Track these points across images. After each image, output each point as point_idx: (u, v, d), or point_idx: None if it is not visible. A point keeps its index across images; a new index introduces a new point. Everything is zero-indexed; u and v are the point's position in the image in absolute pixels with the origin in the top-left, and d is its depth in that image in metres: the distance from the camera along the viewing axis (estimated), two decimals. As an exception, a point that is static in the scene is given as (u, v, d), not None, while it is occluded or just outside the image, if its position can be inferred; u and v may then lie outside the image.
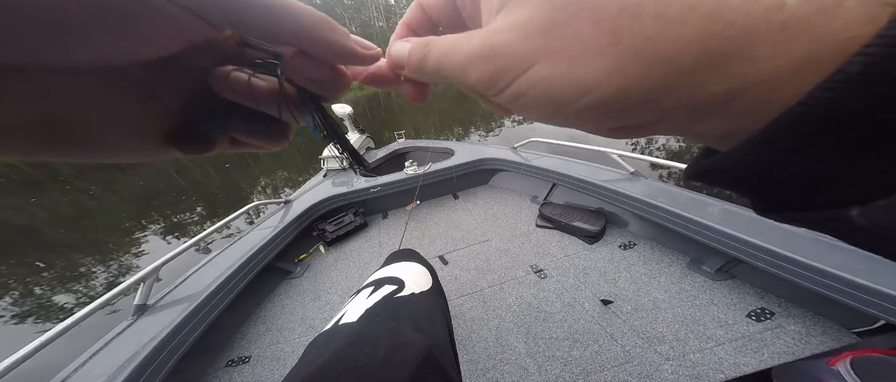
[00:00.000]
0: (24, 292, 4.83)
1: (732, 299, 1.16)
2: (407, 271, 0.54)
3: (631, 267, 1.42)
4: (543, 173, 2.03)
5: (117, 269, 4.83)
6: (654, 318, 1.15)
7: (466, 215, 2.15)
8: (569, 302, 1.30)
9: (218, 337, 1.41)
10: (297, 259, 1.94)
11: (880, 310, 0.83)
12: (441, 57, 0.13)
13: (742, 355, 0.97)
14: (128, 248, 5.56)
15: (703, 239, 1.21)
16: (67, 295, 4.44)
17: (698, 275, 1.30)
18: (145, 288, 1.26)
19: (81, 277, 4.87)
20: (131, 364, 1.00)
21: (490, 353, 1.14)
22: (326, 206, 2.18)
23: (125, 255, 5.28)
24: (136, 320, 1.20)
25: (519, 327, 1.23)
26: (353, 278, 1.71)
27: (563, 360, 1.07)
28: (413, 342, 0.36)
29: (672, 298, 1.22)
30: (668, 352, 1.03)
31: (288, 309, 1.57)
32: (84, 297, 4.28)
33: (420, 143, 3.06)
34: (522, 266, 1.56)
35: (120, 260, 5.13)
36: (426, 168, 2.29)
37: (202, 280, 1.41)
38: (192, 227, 5.71)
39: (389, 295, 0.46)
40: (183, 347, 1.14)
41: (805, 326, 1.01)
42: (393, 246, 1.93)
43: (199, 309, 1.25)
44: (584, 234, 1.66)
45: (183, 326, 1.17)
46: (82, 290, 4.47)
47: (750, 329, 1.05)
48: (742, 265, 1.20)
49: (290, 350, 1.33)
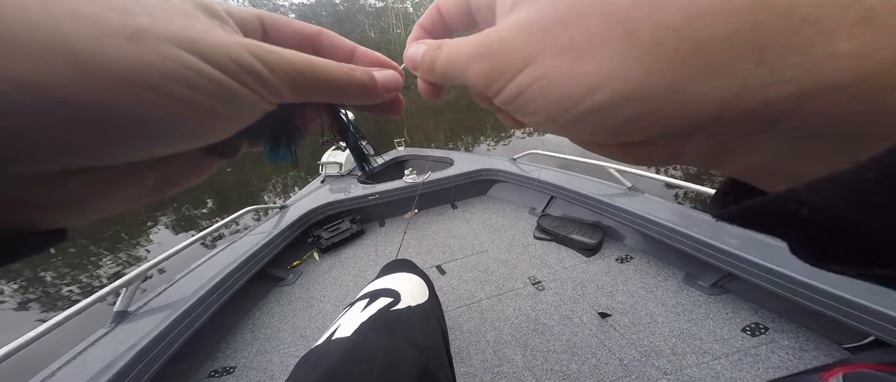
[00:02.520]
0: (32, 277, 4.69)
1: (727, 314, 1.18)
2: (403, 283, 0.53)
3: (628, 280, 1.43)
4: (542, 185, 2.06)
5: (125, 259, 4.77)
6: (652, 332, 1.16)
7: (465, 225, 2.15)
8: (567, 315, 1.29)
9: (201, 346, 1.35)
10: (290, 265, 1.90)
11: (870, 326, 0.86)
12: (447, 59, 0.13)
13: (738, 370, 0.98)
14: (138, 239, 5.54)
15: (698, 253, 1.24)
16: (74, 284, 4.38)
17: (694, 290, 1.32)
18: (127, 294, 1.21)
19: (90, 265, 4.81)
20: (105, 375, 0.95)
21: (488, 366, 1.13)
22: (323, 213, 2.16)
23: (134, 247, 5.24)
24: (114, 327, 1.15)
25: (517, 339, 1.22)
26: (347, 286, 1.68)
27: (561, 374, 1.06)
28: (409, 358, 0.36)
29: (668, 312, 1.23)
30: (666, 366, 1.03)
31: (278, 318, 1.52)
32: (87, 286, 4.14)
33: (419, 152, 3.08)
34: (520, 277, 1.56)
35: (129, 252, 5.07)
36: (425, 177, 2.30)
37: (189, 286, 1.36)
38: (202, 221, 5.66)
39: (385, 308, 0.45)
40: (163, 356, 1.09)
41: (798, 341, 1.03)
42: (390, 254, 1.90)
43: (184, 317, 1.20)
44: (582, 247, 1.67)
45: (165, 334, 1.12)
46: (85, 280, 4.39)
47: (745, 343, 1.06)
48: (737, 280, 1.22)
49: (278, 360, 1.28)
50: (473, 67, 0.11)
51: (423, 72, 0.15)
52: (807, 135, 0.07)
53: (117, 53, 0.08)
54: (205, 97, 0.09)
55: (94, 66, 0.07)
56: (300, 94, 0.12)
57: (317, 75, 0.12)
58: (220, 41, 0.10)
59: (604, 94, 0.08)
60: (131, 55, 0.08)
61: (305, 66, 0.12)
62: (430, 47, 0.14)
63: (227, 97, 0.10)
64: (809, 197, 0.07)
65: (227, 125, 0.11)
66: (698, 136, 0.09)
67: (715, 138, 0.08)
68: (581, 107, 0.09)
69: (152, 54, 0.08)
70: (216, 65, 0.09)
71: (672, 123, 0.08)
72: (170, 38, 0.09)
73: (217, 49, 0.10)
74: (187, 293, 1.31)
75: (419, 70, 0.15)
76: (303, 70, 0.12)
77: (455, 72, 0.13)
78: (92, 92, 0.07)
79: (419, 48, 0.15)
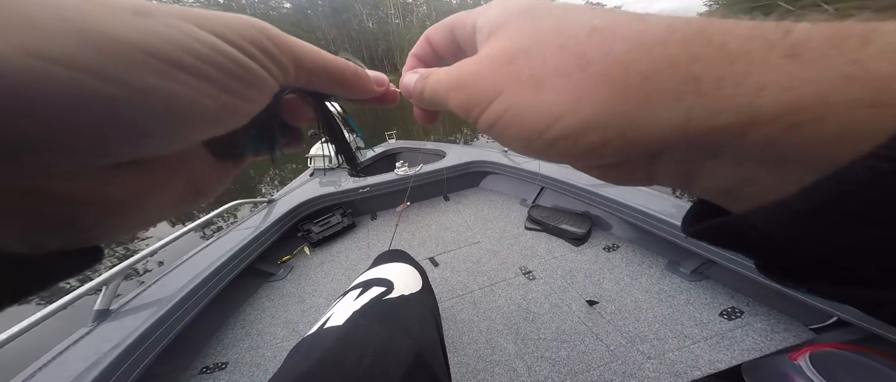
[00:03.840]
0: None
1: (706, 299, 1.24)
2: (396, 272, 0.53)
3: (614, 268, 1.48)
4: (532, 176, 2.07)
5: (123, 253, 4.71)
6: (636, 318, 1.21)
7: (457, 217, 2.16)
8: (556, 303, 1.33)
9: (191, 343, 1.33)
10: (281, 260, 1.87)
11: (834, 307, 0.92)
12: (433, 87, 0.14)
13: (716, 352, 1.04)
14: (136, 232, 5.52)
15: (680, 241, 1.29)
16: None
17: (676, 276, 1.37)
18: (108, 292, 1.16)
19: None
20: (90, 374, 0.92)
21: (480, 355, 1.15)
22: (313, 206, 2.11)
23: (133, 240, 5.13)
24: (96, 326, 1.11)
25: (508, 328, 1.25)
26: (339, 281, 1.67)
27: (551, 361, 1.10)
28: (402, 346, 0.36)
29: (652, 298, 1.28)
30: (650, 351, 1.08)
31: (269, 313, 1.51)
32: (87, 279, 4.00)
33: (411, 144, 3.04)
34: (512, 268, 1.58)
35: (128, 245, 5.00)
36: (417, 169, 2.28)
37: (174, 282, 1.32)
38: (198, 213, 5.51)
39: (378, 297, 0.45)
40: (150, 355, 1.07)
41: (769, 323, 1.09)
42: (382, 247, 1.90)
43: (171, 314, 1.17)
44: (571, 237, 1.71)
45: (151, 332, 1.09)
46: (85, 273, 4.34)
47: (722, 327, 1.12)
48: (715, 266, 1.28)
49: (271, 355, 1.28)
50: (452, 96, 0.12)
51: (415, 99, 0.16)
52: (755, 161, 0.07)
53: (125, 25, 0.07)
54: (220, 73, 0.09)
55: (105, 37, 0.07)
56: (303, 75, 0.12)
57: (316, 58, 0.13)
58: (230, 19, 0.09)
59: (566, 123, 0.09)
60: (140, 26, 0.07)
61: (307, 48, 0.12)
62: (421, 77, 0.15)
63: (241, 75, 0.09)
64: (757, 220, 0.07)
65: (244, 105, 0.10)
66: (664, 160, 0.09)
67: (676, 163, 0.09)
68: (548, 135, 0.09)
69: (162, 26, 0.08)
70: (228, 41, 0.09)
71: (631, 151, 0.09)
72: (180, 14, 0.08)
73: (229, 26, 0.09)
74: (172, 290, 1.27)
75: (412, 98, 0.16)
76: (306, 51, 0.12)
77: (439, 100, 0.13)
78: (105, 65, 0.07)
79: (412, 77, 0.15)
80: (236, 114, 0.10)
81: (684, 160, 0.09)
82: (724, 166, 0.08)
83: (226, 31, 0.09)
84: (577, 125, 0.09)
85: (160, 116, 0.08)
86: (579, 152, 0.09)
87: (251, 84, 0.10)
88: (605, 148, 0.09)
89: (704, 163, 0.08)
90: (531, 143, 0.10)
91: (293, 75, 0.12)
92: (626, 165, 0.10)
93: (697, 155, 0.08)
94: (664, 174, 0.10)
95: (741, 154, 0.07)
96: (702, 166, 0.08)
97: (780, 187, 0.07)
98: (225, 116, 0.10)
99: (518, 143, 0.11)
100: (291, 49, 0.11)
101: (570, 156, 0.10)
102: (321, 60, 0.13)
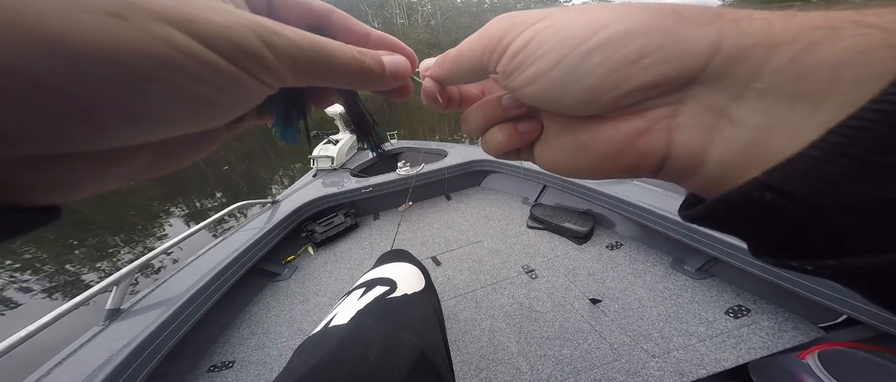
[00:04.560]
0: (59, 269, 4.81)
1: (712, 297, 1.22)
2: (399, 271, 0.53)
3: (618, 266, 1.47)
4: (534, 175, 2.06)
5: (142, 250, 4.86)
6: (640, 316, 1.20)
7: (459, 216, 2.16)
8: (559, 302, 1.32)
9: (199, 342, 1.35)
10: (285, 260, 1.89)
11: (843, 305, 0.90)
12: (458, 49, 0.14)
13: (721, 351, 1.02)
14: (152, 230, 5.68)
15: (684, 239, 1.27)
16: (93, 272, 4.54)
17: (680, 274, 1.36)
18: (119, 292, 1.19)
19: (108, 256, 4.96)
20: (103, 371, 0.94)
21: (483, 353, 1.15)
22: (316, 207, 2.13)
23: (149, 238, 5.39)
24: (107, 325, 1.14)
25: (511, 327, 1.24)
26: (343, 280, 1.68)
27: (554, 359, 1.09)
28: (406, 343, 0.36)
29: (656, 297, 1.27)
30: (654, 349, 1.07)
31: (274, 312, 1.53)
32: (105, 276, 4.18)
33: (412, 144, 3.05)
34: (514, 266, 1.58)
35: (145, 243, 5.17)
36: (419, 169, 2.28)
37: (182, 283, 1.35)
38: (212, 213, 5.68)
39: (381, 296, 0.45)
40: (160, 353, 1.09)
41: (777, 322, 1.07)
42: (385, 247, 1.91)
43: (178, 314, 1.20)
44: (574, 235, 1.70)
45: (160, 331, 1.11)
46: (105, 269, 4.53)
47: (728, 325, 1.10)
48: (720, 264, 1.26)
49: (277, 353, 1.30)
50: (491, 28, 0.13)
51: (436, 65, 0.16)
52: (778, 98, 0.08)
53: (95, 32, 0.06)
54: (200, 85, 0.08)
55: (65, 46, 0.06)
56: (303, 80, 0.11)
57: (322, 60, 0.11)
58: (220, 20, 0.09)
59: (613, 29, 0.10)
60: (113, 33, 0.07)
61: (311, 51, 0.11)
62: (440, 57, 0.16)
63: (225, 84, 0.09)
64: (770, 180, 0.08)
65: (224, 113, 0.10)
66: (689, 103, 0.10)
67: (702, 108, 0.09)
68: (593, 41, 0.10)
69: (138, 33, 0.07)
70: (215, 49, 0.08)
71: (667, 69, 0.09)
72: (162, 14, 0.07)
73: (217, 30, 0.08)
74: (180, 290, 1.30)
75: (432, 69, 0.16)
76: (308, 55, 0.11)
77: (469, 43, 0.14)
78: (61, 77, 0.06)
79: (431, 59, 0.16)
80: (212, 119, 0.10)
81: (710, 101, 0.09)
82: (748, 109, 0.08)
83: (212, 35, 0.08)
84: (624, 30, 0.09)
85: (119, 123, 0.08)
86: (618, 61, 0.10)
87: (233, 93, 0.09)
88: (644, 60, 0.09)
89: (729, 107, 0.09)
90: (564, 57, 0.10)
91: (293, 78, 0.11)
92: (649, 113, 0.10)
93: (723, 94, 0.09)
94: (687, 126, 0.10)
95: (766, 82, 0.08)
96: (727, 110, 0.09)
97: (800, 131, 0.08)
98: (198, 123, 0.09)
99: (553, 55, 0.11)
100: (295, 51, 0.10)
101: (607, 68, 0.10)
102: (330, 62, 0.12)
